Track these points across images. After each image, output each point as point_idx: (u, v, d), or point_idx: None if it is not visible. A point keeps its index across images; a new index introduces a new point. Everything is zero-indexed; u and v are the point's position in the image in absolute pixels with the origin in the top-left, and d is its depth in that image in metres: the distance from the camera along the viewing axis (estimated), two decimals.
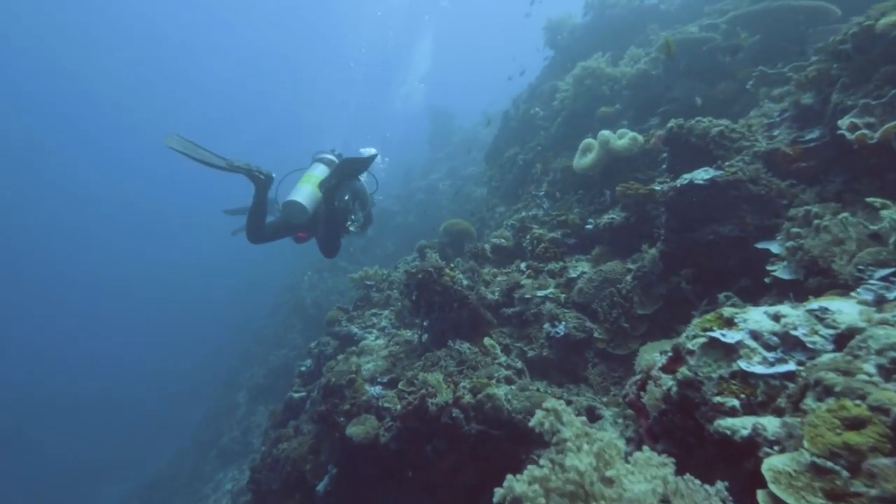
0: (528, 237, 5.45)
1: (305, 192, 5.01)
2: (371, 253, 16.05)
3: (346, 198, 5.68)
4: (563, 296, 4.22)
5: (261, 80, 52.54)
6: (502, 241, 5.70)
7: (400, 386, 4.00)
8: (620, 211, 4.61)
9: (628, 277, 3.86)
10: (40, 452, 25.53)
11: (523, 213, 7.11)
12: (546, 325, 4.08)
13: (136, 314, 39.93)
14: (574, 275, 4.41)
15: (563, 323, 3.89)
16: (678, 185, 3.38)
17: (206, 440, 15.82)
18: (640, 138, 4.81)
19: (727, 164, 3.29)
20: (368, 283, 7.09)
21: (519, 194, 8.68)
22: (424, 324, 4.65)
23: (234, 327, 24.06)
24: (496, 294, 4.85)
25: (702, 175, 3.29)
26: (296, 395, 6.19)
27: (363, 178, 5.92)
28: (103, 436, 25.12)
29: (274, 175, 4.99)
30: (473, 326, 4.58)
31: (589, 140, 5.14)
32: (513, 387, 3.49)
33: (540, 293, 4.50)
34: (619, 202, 4.73)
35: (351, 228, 5.76)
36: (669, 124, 3.86)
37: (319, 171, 5.19)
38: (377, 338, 5.95)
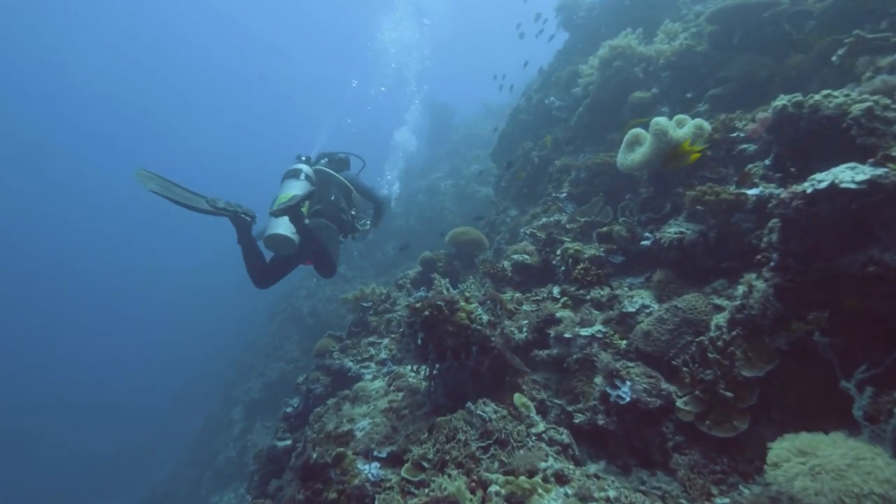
0: (558, 253, 4.30)
1: (282, 220, 4.07)
2: (371, 257, 14.92)
3: (333, 198, 4.62)
4: (623, 342, 3.05)
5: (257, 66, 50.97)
6: (525, 257, 4.55)
7: (403, 473, 2.85)
8: (686, 221, 3.45)
9: (720, 319, 2.70)
10: (41, 462, 24.66)
11: (543, 219, 5.97)
12: (600, 382, 2.94)
13: (136, 314, 39.06)
14: (631, 308, 3.25)
15: (629, 383, 2.73)
16: (808, 191, 2.22)
17: (202, 456, 14.78)
18: (707, 126, 3.63)
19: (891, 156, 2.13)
20: (365, 304, 5.95)
21: (534, 195, 7.53)
22: (434, 372, 3.51)
23: (233, 328, 23.09)
24: (524, 331, 3.70)
25: (850, 175, 2.13)
26: (280, 444, 5.06)
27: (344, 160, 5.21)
28: (104, 443, 24.29)
29: (256, 215, 4.19)
30: (497, 376, 3.45)
31: (637, 131, 3.96)
32: (568, 491, 2.34)
33: (584, 331, 3.35)
34: (682, 210, 3.57)
35: (365, 226, 5.10)
36: (779, 102, 2.69)
37: (293, 189, 4.23)
38: (375, 377, 4.82)
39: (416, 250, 13.74)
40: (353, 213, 4.91)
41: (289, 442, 5.03)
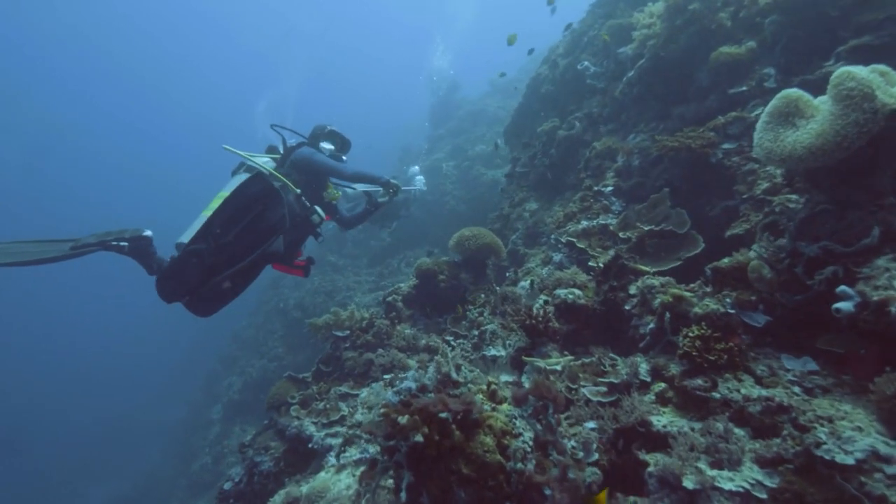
0: (634, 292, 2.57)
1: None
2: (364, 245, 13.16)
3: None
4: None
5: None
6: (575, 294, 2.80)
7: None
8: None
9: None
10: (29, 445, 23.35)
11: (584, 223, 4.25)
12: None
13: (121, 293, 37.52)
14: (841, 456, 1.53)
15: None
16: None
17: (181, 452, 13.39)
18: None
19: None
20: (339, 333, 4.24)
21: (561, 186, 5.75)
22: None
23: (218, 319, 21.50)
24: (594, 451, 1.99)
25: None
26: None
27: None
28: (92, 426, 23.02)
29: (148, 233, 3.35)
30: None
31: (796, 94, 2.16)
32: None
33: (725, 482, 1.65)
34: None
35: (384, 197, 4.25)
36: None
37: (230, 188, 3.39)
38: (343, 463, 3.13)
39: (415, 240, 12.03)
40: (300, 192, 3.77)
41: None
